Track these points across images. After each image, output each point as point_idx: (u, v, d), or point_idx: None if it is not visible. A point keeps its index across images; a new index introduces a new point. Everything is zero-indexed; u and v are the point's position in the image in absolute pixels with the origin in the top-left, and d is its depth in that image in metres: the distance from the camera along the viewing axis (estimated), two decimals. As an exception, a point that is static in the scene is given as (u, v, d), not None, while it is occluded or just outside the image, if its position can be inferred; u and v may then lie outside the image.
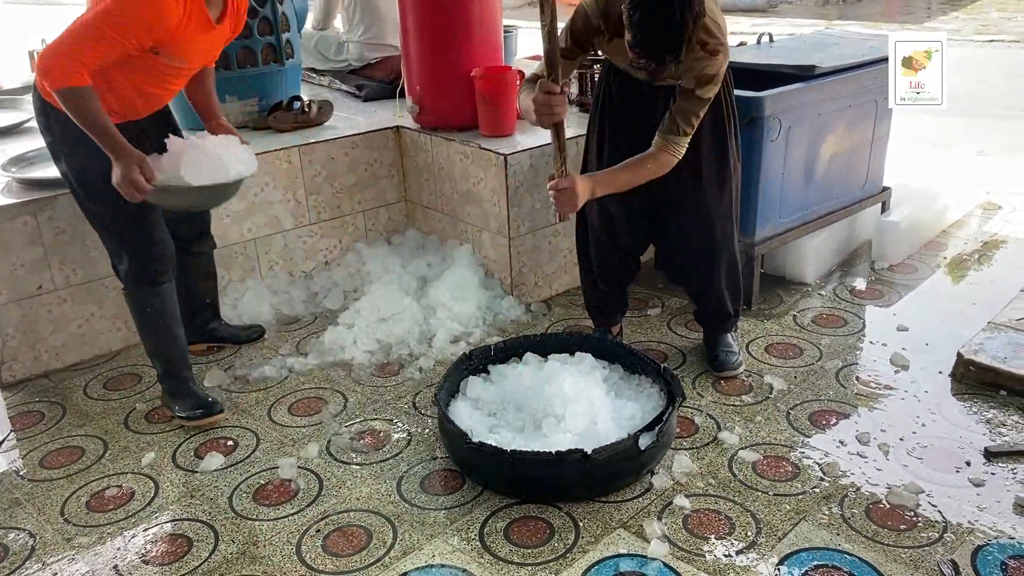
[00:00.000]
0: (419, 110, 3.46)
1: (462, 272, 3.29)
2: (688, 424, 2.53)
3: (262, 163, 3.27)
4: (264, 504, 2.26)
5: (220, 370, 2.92)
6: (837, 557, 1.98)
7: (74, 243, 2.92)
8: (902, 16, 13.87)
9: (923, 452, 2.35)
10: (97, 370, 2.99)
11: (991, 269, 3.57)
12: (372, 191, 3.60)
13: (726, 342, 2.86)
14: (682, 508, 2.16)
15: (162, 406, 2.69)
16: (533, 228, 3.27)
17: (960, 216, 4.11)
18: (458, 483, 2.31)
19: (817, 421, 2.52)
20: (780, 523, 2.10)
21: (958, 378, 2.69)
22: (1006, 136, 5.70)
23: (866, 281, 3.47)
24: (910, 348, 2.90)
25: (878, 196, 3.71)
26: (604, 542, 2.06)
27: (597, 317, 3.00)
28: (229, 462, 2.44)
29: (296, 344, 3.12)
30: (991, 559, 1.95)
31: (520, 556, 2.03)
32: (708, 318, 2.87)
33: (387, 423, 2.61)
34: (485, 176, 3.23)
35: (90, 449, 2.54)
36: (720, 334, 2.87)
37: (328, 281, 3.47)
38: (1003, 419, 2.48)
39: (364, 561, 2.04)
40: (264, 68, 3.61)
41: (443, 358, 2.94)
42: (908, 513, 2.11)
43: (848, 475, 2.27)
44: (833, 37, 3.93)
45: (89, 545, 2.13)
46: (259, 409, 2.71)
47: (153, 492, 2.33)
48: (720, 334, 2.87)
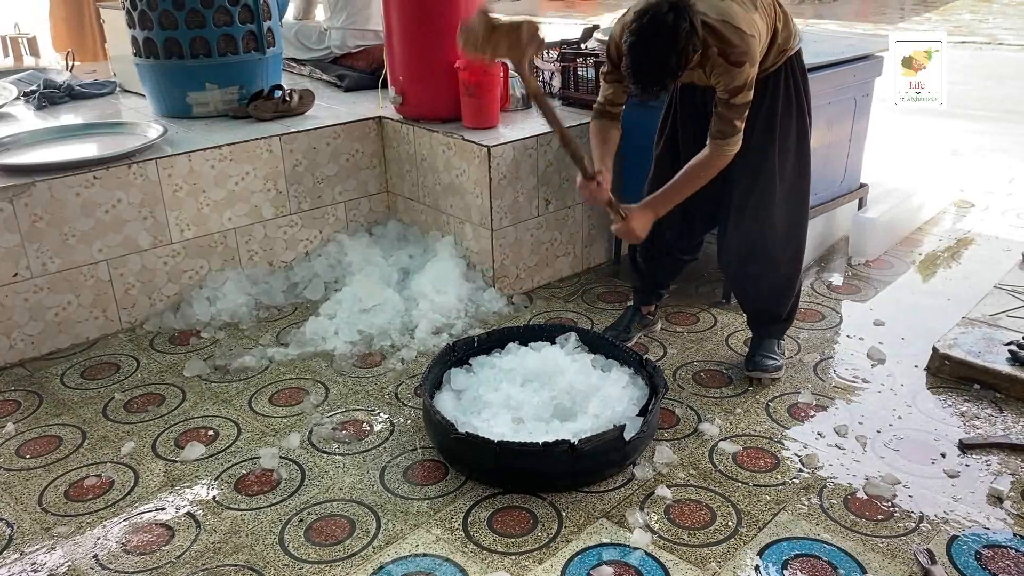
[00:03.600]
0: (402, 100, 3.45)
1: (444, 264, 3.29)
2: (669, 415, 2.55)
3: (243, 152, 3.26)
4: (246, 493, 2.25)
5: (200, 359, 2.90)
6: (816, 547, 2.00)
7: (51, 230, 2.88)
8: (876, 16, 14.02)
9: (899, 444, 2.39)
10: (74, 359, 2.95)
11: (964, 265, 3.63)
12: (353, 181, 3.58)
13: (767, 345, 2.78)
14: (664, 498, 2.18)
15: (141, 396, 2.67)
16: (516, 220, 3.28)
17: (934, 214, 4.18)
18: (441, 473, 2.31)
19: (796, 413, 2.55)
20: (760, 513, 2.13)
21: (933, 372, 2.73)
22: (979, 136, 5.79)
23: (843, 276, 3.51)
24: (887, 342, 2.94)
25: (856, 192, 3.75)
26: (587, 532, 2.07)
27: (634, 289, 3.09)
28: (210, 452, 2.43)
29: (276, 335, 3.11)
30: (966, 548, 1.99)
31: (504, 545, 2.04)
32: (750, 319, 2.86)
33: (369, 413, 2.61)
34: (468, 168, 3.23)
35: (68, 438, 2.51)
36: (763, 337, 2.80)
37: (308, 272, 3.45)
38: (977, 412, 2.53)
39: (347, 551, 2.03)
40: (245, 56, 3.59)
41: (425, 349, 2.94)
42: (885, 504, 2.14)
43: (827, 466, 2.30)
44: (813, 35, 3.97)
45: (68, 535, 2.11)
46: (240, 399, 2.70)
47: (133, 481, 2.31)
48: (763, 337, 2.80)
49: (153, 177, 3.06)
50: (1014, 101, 6.91)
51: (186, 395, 2.73)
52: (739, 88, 2.28)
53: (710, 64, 2.29)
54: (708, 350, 2.94)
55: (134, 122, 3.45)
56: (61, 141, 3.30)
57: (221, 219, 3.26)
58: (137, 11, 3.47)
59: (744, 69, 2.26)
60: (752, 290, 2.78)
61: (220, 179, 3.22)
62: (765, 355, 2.75)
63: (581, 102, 3.52)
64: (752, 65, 2.28)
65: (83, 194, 2.92)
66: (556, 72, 3.64)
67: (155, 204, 3.08)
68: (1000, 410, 2.52)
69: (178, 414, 2.62)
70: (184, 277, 3.22)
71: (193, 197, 3.17)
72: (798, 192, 2.66)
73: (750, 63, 2.27)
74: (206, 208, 3.21)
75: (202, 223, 3.21)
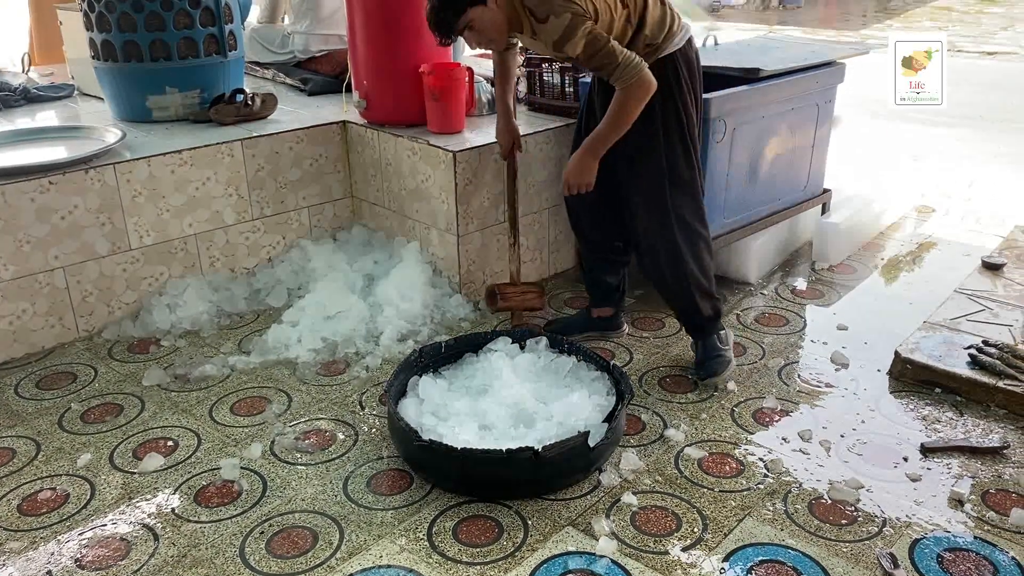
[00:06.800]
0: (366, 105, 3.41)
1: (409, 270, 3.26)
2: (635, 421, 2.55)
3: (204, 157, 3.21)
4: (206, 505, 2.20)
5: (159, 368, 2.84)
6: (781, 552, 2.01)
7: (5, 236, 2.81)
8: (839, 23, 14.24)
9: (863, 448, 2.40)
10: (29, 368, 2.88)
11: (925, 270, 3.68)
12: (317, 187, 3.54)
13: (709, 345, 2.77)
14: (630, 505, 2.17)
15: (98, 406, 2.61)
16: (482, 226, 3.26)
17: (896, 219, 4.23)
18: (406, 482, 2.28)
19: (761, 419, 2.56)
20: (726, 519, 2.13)
21: (895, 376, 2.76)
22: (937, 141, 5.88)
23: (807, 281, 3.54)
24: (850, 347, 2.97)
25: (819, 198, 3.79)
26: (553, 540, 2.06)
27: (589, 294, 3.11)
28: (169, 463, 2.38)
29: (238, 342, 3.06)
30: (928, 552, 2.00)
31: (469, 555, 2.01)
32: (680, 321, 2.88)
33: (333, 422, 2.57)
34: (433, 173, 3.20)
35: (22, 450, 2.45)
36: (697, 338, 2.82)
37: (271, 278, 3.41)
38: (938, 415, 2.55)
39: (310, 563, 2.00)
40: (206, 59, 3.54)
41: (390, 356, 2.91)
42: (849, 508, 2.16)
43: (791, 471, 2.31)
44: (776, 41, 4.02)
45: (21, 550, 2.05)
46: (200, 408, 2.65)
47: (89, 494, 2.25)
48: (697, 338, 2.82)
49: (111, 182, 3.00)
50: (972, 106, 7.03)
51: (145, 405, 2.67)
52: (559, 41, 2.37)
53: (530, 29, 2.44)
54: (674, 355, 2.95)
55: (92, 126, 3.38)
56: (16, 145, 3.22)
57: (181, 225, 3.20)
58: (95, 13, 3.40)
59: (551, 24, 2.35)
60: (664, 289, 2.79)
61: (180, 184, 3.16)
62: (711, 356, 2.76)
63: (548, 108, 3.51)
64: (560, 17, 2.33)
65: (38, 200, 2.85)
66: (522, 77, 3.63)
67: (113, 210, 3.02)
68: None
69: (137, 424, 2.57)
70: (143, 284, 3.16)
71: (153, 203, 3.11)
72: (684, 186, 2.63)
73: (557, 17, 2.33)
74: (166, 214, 3.15)
75: (162, 229, 3.15)
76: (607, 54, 2.36)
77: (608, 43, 2.36)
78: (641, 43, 2.49)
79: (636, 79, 2.38)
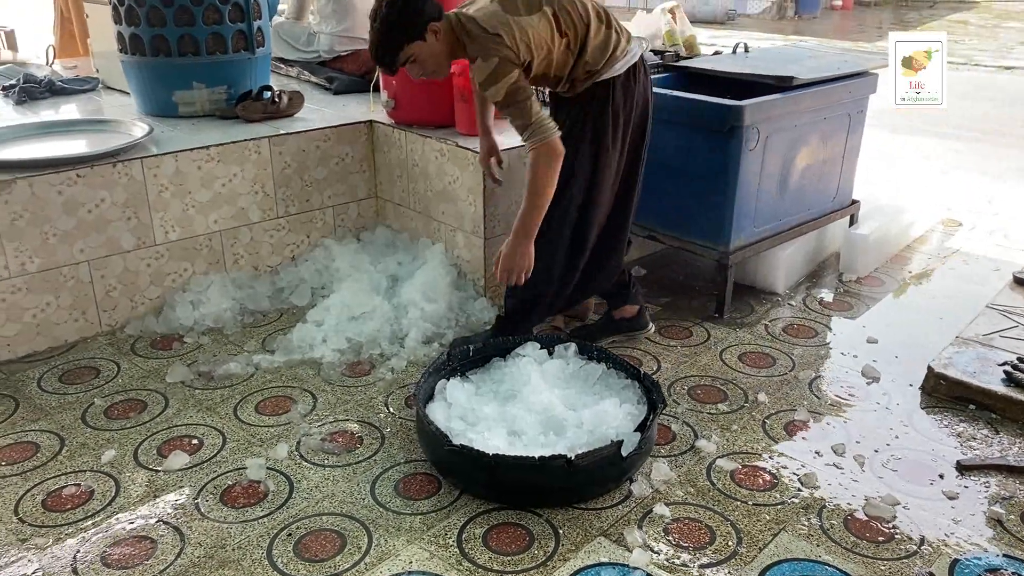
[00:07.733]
0: (394, 105, 3.39)
1: (434, 272, 3.23)
2: (665, 431, 2.51)
3: (231, 153, 3.18)
4: (232, 506, 2.18)
5: (183, 365, 2.82)
6: (819, 569, 1.97)
7: (32, 229, 2.79)
8: (854, 34, 14.20)
9: (897, 464, 2.37)
10: (52, 362, 2.86)
11: (954, 284, 3.64)
12: (342, 186, 3.52)
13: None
14: (662, 517, 2.14)
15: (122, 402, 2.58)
16: (509, 229, 3.21)
17: (923, 232, 4.19)
18: (434, 487, 2.25)
19: (792, 431, 2.53)
20: (760, 533, 2.09)
21: (928, 391, 2.72)
22: (956, 155, 5.84)
23: (834, 293, 3.50)
24: (880, 360, 2.93)
25: (847, 209, 3.75)
26: (585, 550, 2.03)
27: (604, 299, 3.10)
28: (194, 461, 2.35)
29: (262, 341, 3.03)
30: (968, 572, 1.96)
31: (500, 564, 1.98)
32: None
33: (359, 424, 2.54)
34: (461, 175, 3.18)
35: (45, 445, 2.42)
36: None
37: (295, 277, 3.38)
38: (973, 432, 2.51)
39: (339, 566, 1.97)
40: (234, 56, 3.52)
41: (416, 359, 2.88)
42: (885, 525, 2.12)
43: (825, 486, 2.27)
44: (806, 50, 3.98)
45: (45, 546, 2.02)
46: (225, 407, 2.62)
47: (114, 491, 2.22)
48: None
49: (138, 177, 2.98)
50: (990, 120, 6.99)
51: (169, 402, 2.65)
52: (485, 84, 2.35)
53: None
54: (703, 365, 2.91)
55: (119, 120, 3.36)
56: (43, 138, 3.21)
57: (207, 221, 3.18)
58: (124, 7, 3.39)
59: (478, 65, 2.35)
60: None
61: (207, 180, 3.14)
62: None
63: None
64: (487, 60, 2.32)
65: (65, 192, 2.83)
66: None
67: (139, 204, 3.00)
68: (996, 431, 2.51)
69: (161, 421, 2.54)
70: (167, 280, 3.14)
71: (179, 198, 3.09)
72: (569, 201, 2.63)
73: (482, 58, 2.33)
74: (191, 210, 3.13)
75: (187, 225, 3.13)
76: (523, 111, 2.37)
77: (528, 100, 2.37)
78: (582, 69, 2.51)
79: (544, 142, 2.38)
